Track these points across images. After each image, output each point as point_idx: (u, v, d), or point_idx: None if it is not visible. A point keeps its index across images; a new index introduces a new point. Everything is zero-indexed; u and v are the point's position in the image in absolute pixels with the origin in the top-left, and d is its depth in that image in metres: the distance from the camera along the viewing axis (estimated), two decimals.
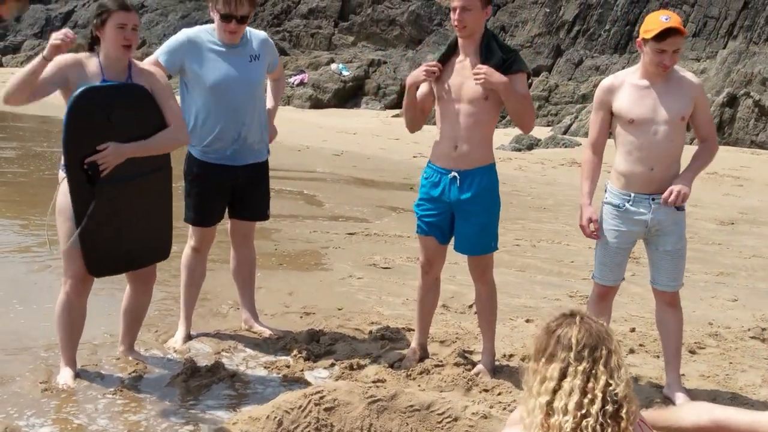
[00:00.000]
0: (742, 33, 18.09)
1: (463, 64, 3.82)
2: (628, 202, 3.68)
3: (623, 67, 17.08)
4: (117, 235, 3.59)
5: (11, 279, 5.29)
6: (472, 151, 3.83)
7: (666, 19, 3.50)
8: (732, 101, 15.40)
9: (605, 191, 3.82)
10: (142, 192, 3.62)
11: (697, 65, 17.80)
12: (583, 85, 18.19)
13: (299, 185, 9.77)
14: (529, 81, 3.92)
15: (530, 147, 14.99)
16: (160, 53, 4.07)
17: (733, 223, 8.62)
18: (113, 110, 3.43)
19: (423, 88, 3.95)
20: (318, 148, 13.45)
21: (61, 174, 3.58)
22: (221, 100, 4.08)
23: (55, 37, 3.29)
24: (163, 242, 3.81)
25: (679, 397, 3.68)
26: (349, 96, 20.13)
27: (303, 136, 14.29)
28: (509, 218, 8.41)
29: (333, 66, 20.70)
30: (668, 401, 3.70)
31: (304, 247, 6.70)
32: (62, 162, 3.54)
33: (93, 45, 3.60)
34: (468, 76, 3.77)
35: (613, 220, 3.74)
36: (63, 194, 3.55)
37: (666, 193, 3.58)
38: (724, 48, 17.88)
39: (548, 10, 21.10)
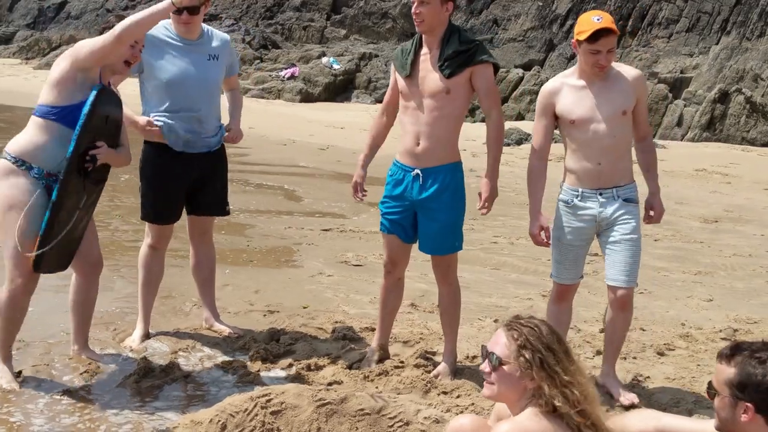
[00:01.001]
0: (735, 29, 17.96)
1: (426, 57, 3.74)
2: (576, 197, 3.69)
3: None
4: (72, 233, 3.57)
5: None
6: (435, 147, 3.75)
7: (598, 20, 3.50)
8: (724, 97, 15.31)
9: (560, 190, 3.79)
10: (93, 198, 3.68)
11: (690, 60, 17.69)
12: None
13: (280, 180, 9.67)
14: (497, 73, 3.83)
15: (519, 142, 14.90)
16: None
17: (717, 221, 8.53)
18: (110, 113, 3.58)
19: (393, 79, 3.91)
20: (304, 142, 13.35)
21: (9, 166, 3.47)
22: (177, 95, 4.02)
23: None
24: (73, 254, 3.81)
25: (614, 385, 3.73)
26: (339, 90, 20.00)
27: (290, 131, 14.19)
28: (490, 215, 8.29)
29: (324, 59, 20.57)
30: (601, 390, 3.67)
31: (276, 244, 6.61)
32: (8, 152, 3.47)
33: None
34: (430, 70, 3.71)
35: (565, 217, 3.74)
36: (16, 189, 3.45)
37: (648, 219, 3.74)
38: (717, 44, 17.77)
39: (541, 4, 20.96)
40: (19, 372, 3.66)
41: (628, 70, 3.69)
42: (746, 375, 2.11)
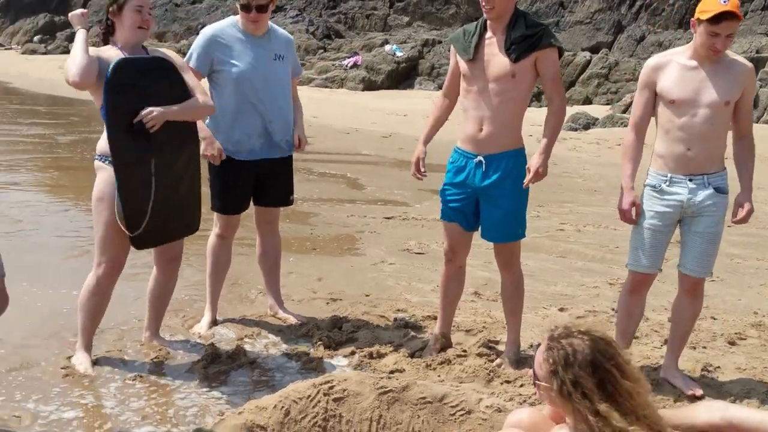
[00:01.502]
0: None
1: (492, 41, 3.70)
2: (664, 182, 3.56)
3: (687, 43, 16.37)
4: (159, 206, 3.63)
5: (49, 263, 5.42)
6: (499, 133, 3.71)
7: (724, 2, 3.32)
8: None
9: (647, 174, 3.67)
10: (176, 166, 3.70)
11: (766, 40, 16.96)
12: (645, 62, 17.58)
13: (343, 168, 9.74)
14: (562, 58, 3.76)
15: (587, 126, 14.60)
16: (188, 59, 4.09)
17: None
18: (145, 79, 3.53)
19: (453, 62, 3.87)
20: (367, 130, 13.40)
21: (98, 163, 3.64)
22: (246, 92, 4.09)
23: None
24: (194, 217, 3.87)
25: (676, 377, 3.65)
26: (402, 77, 19.97)
27: (353, 119, 14.27)
28: (556, 201, 8.20)
29: (387, 47, 20.57)
30: (665, 383, 3.64)
31: (339, 232, 6.67)
32: (98, 152, 3.63)
33: (107, 36, 3.66)
34: (495, 54, 3.66)
35: (649, 201, 3.61)
36: (102, 183, 3.61)
37: (736, 217, 3.57)
38: None
39: None
40: (95, 360, 3.80)
41: (741, 61, 3.52)
42: None
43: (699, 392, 3.54)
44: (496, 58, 3.66)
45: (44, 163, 9.74)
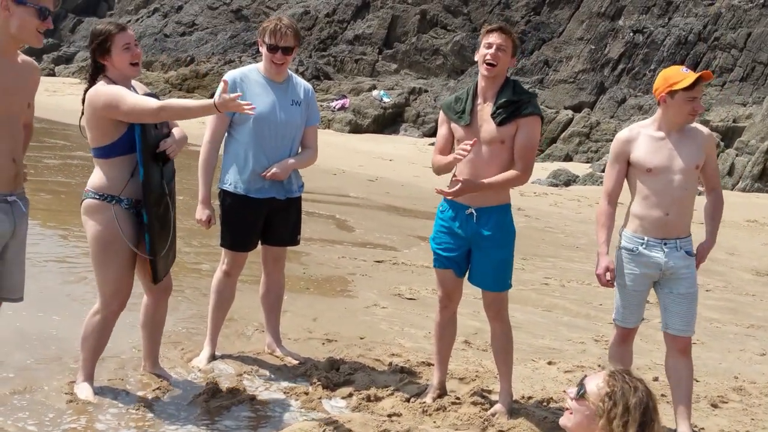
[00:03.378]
0: None
1: (482, 107, 3.89)
2: (641, 245, 3.81)
3: None
4: (169, 236, 3.84)
5: (47, 288, 5.44)
6: (490, 191, 3.88)
7: (686, 70, 3.73)
8: None
9: (620, 237, 3.90)
10: (172, 197, 3.89)
11: (743, 110, 17.58)
12: (625, 124, 18.07)
13: (332, 209, 9.87)
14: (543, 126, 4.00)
15: (567, 183, 14.94)
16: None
17: None
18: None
19: (444, 129, 4.03)
20: (353, 172, 13.58)
21: (95, 203, 3.68)
22: (262, 134, 4.22)
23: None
24: (175, 244, 4.03)
25: None
26: (388, 122, 20.30)
27: (339, 160, 14.44)
28: (540, 255, 8.40)
29: (374, 92, 20.93)
30: None
31: (331, 273, 6.78)
32: (94, 189, 3.69)
33: (95, 77, 3.70)
34: (486, 120, 3.85)
35: (629, 264, 3.84)
36: (107, 224, 3.64)
37: (700, 259, 3.86)
38: None
39: (593, 47, 21.07)
40: (98, 389, 3.84)
41: (700, 128, 3.85)
42: None
43: None
44: (486, 124, 3.85)
45: (34, 185, 9.73)
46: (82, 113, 3.69)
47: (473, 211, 3.89)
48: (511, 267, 4.02)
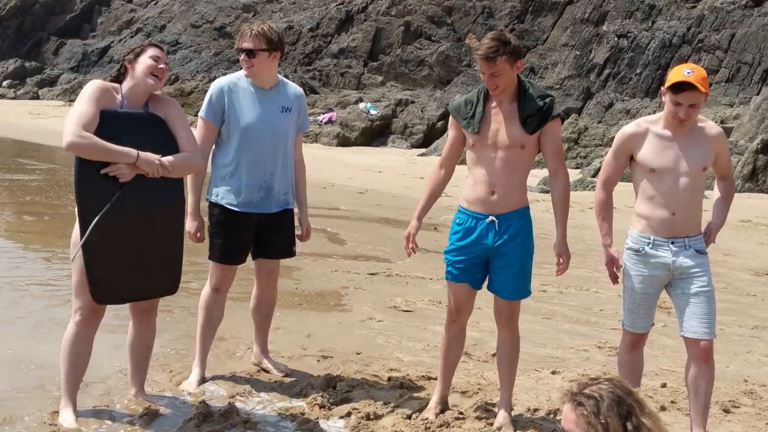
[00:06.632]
0: None
1: (497, 110, 3.73)
2: (647, 245, 3.65)
3: (654, 111, 16.94)
4: (126, 262, 3.53)
5: (30, 313, 5.24)
6: (510, 195, 3.75)
7: (688, 73, 3.48)
8: (766, 148, 15.14)
9: (627, 236, 3.75)
10: (155, 222, 3.59)
11: (731, 111, 17.60)
12: (613, 128, 18.06)
13: (323, 222, 9.70)
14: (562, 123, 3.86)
15: None
16: (202, 112, 4.12)
17: None
18: (123, 135, 3.46)
19: (453, 132, 3.88)
20: (343, 185, 13.43)
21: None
22: (251, 143, 4.08)
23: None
24: (172, 277, 3.73)
25: None
26: (376, 134, 20.20)
27: (328, 174, 14.30)
28: (536, 262, 8.17)
29: (361, 105, 20.84)
30: None
31: (324, 287, 6.60)
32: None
33: (120, 77, 3.67)
34: (504, 124, 3.69)
35: (635, 266, 3.68)
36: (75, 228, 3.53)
37: (708, 237, 3.73)
38: (757, 94, 17.65)
39: (579, 53, 21.08)
40: (82, 414, 3.65)
41: (712, 126, 3.67)
42: None
43: None
44: (505, 129, 3.69)
45: (17, 208, 9.53)
46: None
47: (494, 219, 3.74)
48: (531, 273, 3.87)
